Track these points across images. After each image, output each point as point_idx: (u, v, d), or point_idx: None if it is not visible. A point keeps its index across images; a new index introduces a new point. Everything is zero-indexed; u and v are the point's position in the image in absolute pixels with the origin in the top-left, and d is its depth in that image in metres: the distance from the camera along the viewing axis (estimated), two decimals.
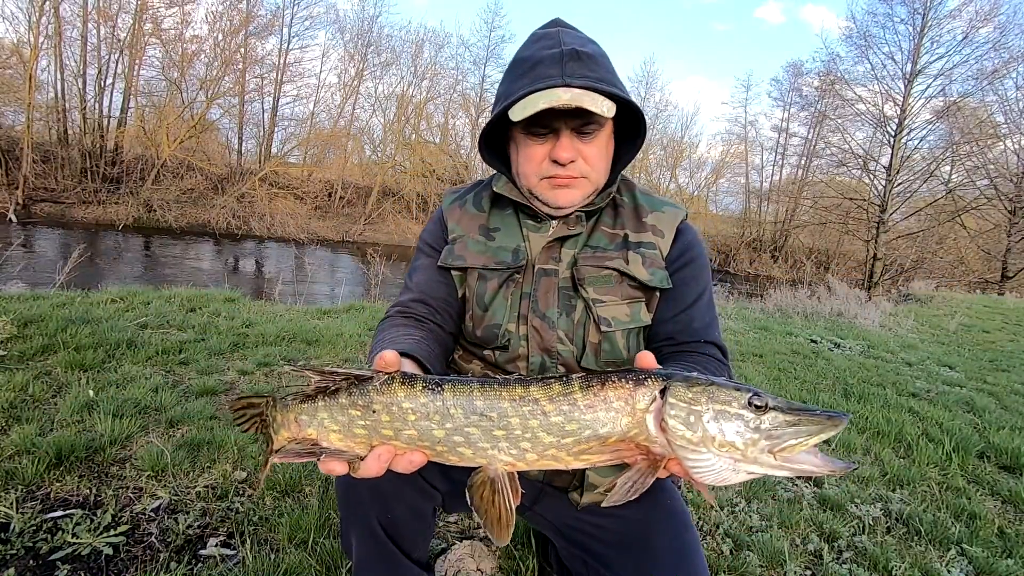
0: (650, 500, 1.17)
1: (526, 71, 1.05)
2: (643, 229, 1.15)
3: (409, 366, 0.89)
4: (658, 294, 1.14)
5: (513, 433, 0.74)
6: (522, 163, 1.12)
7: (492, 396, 0.74)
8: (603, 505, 0.73)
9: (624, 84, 1.10)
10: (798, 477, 2.53)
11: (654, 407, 0.71)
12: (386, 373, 0.77)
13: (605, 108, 0.99)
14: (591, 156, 1.08)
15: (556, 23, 1.14)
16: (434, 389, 0.75)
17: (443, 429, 0.74)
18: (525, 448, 0.74)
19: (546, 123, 1.04)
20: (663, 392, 0.71)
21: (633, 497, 0.73)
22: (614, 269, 1.11)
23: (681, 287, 1.14)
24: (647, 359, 0.79)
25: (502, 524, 0.76)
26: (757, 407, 0.67)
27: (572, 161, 1.06)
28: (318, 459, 0.78)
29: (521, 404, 0.73)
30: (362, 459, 0.77)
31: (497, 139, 1.19)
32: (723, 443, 0.67)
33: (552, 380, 0.75)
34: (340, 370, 0.78)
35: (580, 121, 1.04)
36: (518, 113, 1.00)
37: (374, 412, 0.75)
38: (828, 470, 0.67)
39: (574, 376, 0.74)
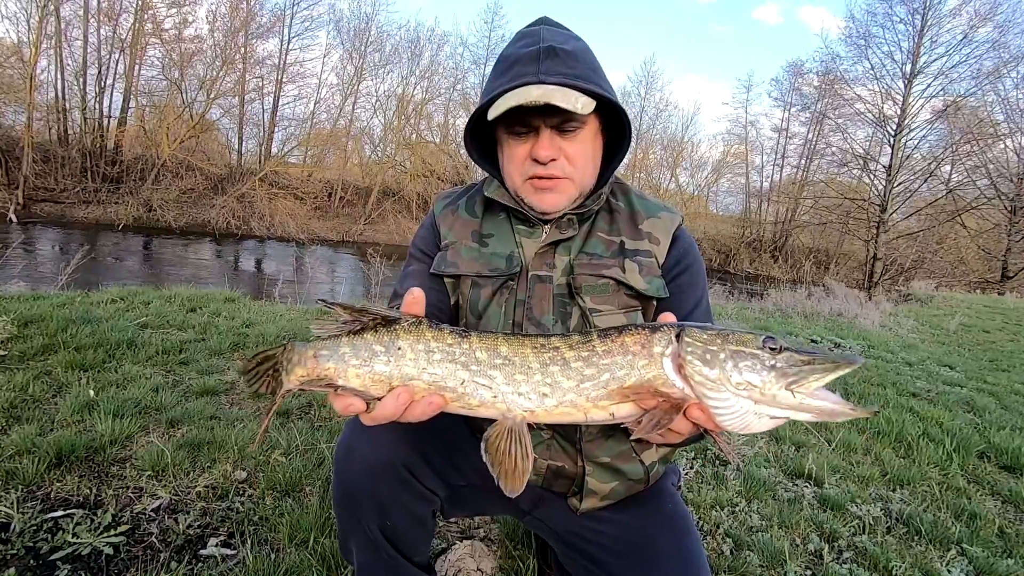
0: (651, 505, 1.17)
1: (505, 70, 1.04)
2: (639, 236, 1.14)
3: None
4: (655, 303, 1.13)
5: (533, 378, 0.76)
6: (506, 163, 1.11)
7: (516, 344, 0.77)
8: (631, 437, 0.73)
9: (610, 82, 1.08)
10: (818, 423, 2.52)
11: (671, 350, 0.73)
12: (414, 316, 0.77)
13: (580, 105, 0.97)
14: (574, 155, 1.06)
15: (541, 21, 1.13)
16: (461, 334, 0.78)
17: (468, 371, 0.75)
18: (545, 394, 0.75)
19: (526, 122, 1.03)
20: (678, 337, 0.73)
21: (658, 432, 0.72)
22: (611, 278, 1.10)
23: (678, 295, 1.13)
24: (669, 317, 0.81)
25: (517, 473, 0.76)
26: (772, 348, 0.69)
27: (553, 160, 1.04)
28: (334, 392, 0.77)
29: (543, 351, 0.76)
30: (379, 400, 0.76)
31: (490, 142, 1.18)
32: (740, 381, 0.68)
33: (573, 333, 0.79)
34: (371, 309, 0.77)
35: (560, 119, 1.02)
36: (492, 112, 0.99)
37: (399, 349, 0.75)
38: (849, 409, 0.67)
39: (593, 329, 0.78)
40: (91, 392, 2.53)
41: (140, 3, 20.40)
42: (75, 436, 2.11)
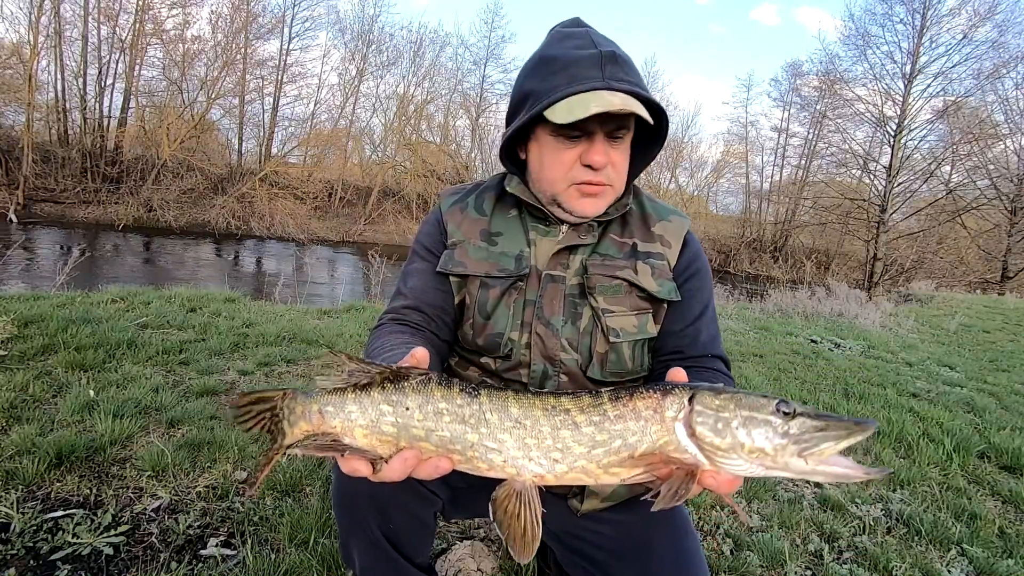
0: (649, 505, 1.17)
1: (559, 69, 1.01)
2: (651, 239, 1.14)
3: None
4: (665, 306, 1.12)
5: (544, 443, 0.73)
6: (548, 167, 1.07)
7: (527, 404, 0.74)
8: (652, 510, 0.72)
9: None
10: (802, 480, 2.51)
11: (683, 415, 0.71)
12: (422, 371, 0.75)
13: (648, 115, 0.98)
14: (618, 162, 1.06)
15: (579, 23, 1.11)
16: (471, 392, 0.75)
17: (478, 433, 0.73)
18: (555, 459, 0.73)
19: (581, 126, 1.01)
20: (691, 400, 0.71)
21: (678, 502, 0.71)
22: (624, 279, 1.09)
23: (688, 299, 1.13)
24: (679, 375, 0.79)
25: (527, 540, 0.74)
26: (785, 413, 0.68)
27: (605, 166, 1.04)
28: (341, 455, 0.75)
29: (553, 413, 0.74)
30: (386, 461, 0.74)
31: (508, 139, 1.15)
32: (752, 449, 0.67)
33: (582, 393, 0.76)
34: (376, 363, 0.75)
35: (614, 126, 1.01)
36: (562, 115, 0.96)
37: (407, 409, 0.73)
38: (863, 473, 0.66)
39: (603, 390, 0.75)
40: (91, 392, 2.53)
41: (140, 3, 20.41)
42: (75, 436, 2.11)
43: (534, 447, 0.73)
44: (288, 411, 0.78)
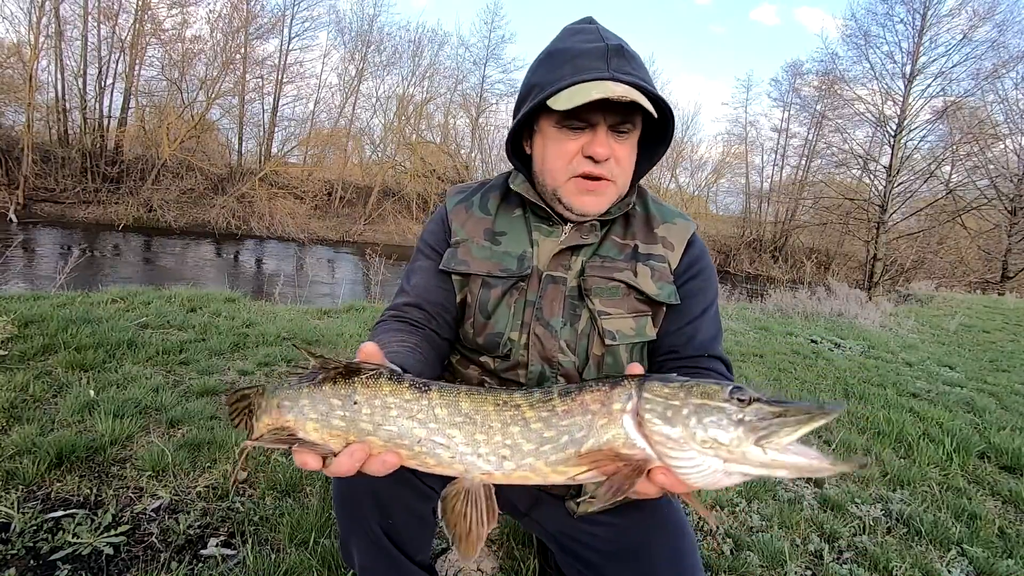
0: (647, 507, 1.16)
1: (565, 61, 1.01)
2: (654, 240, 1.12)
3: None
4: (665, 309, 1.11)
5: (494, 439, 0.72)
6: (550, 158, 1.07)
7: (478, 400, 0.73)
8: (589, 511, 0.69)
9: None
10: (799, 479, 2.54)
11: (631, 406, 0.68)
12: (374, 367, 0.75)
13: (652, 108, 0.97)
14: (622, 158, 1.05)
15: (590, 21, 1.11)
16: (421, 388, 0.74)
17: (425, 428, 0.72)
18: (504, 456, 0.72)
19: (584, 117, 1.01)
20: (638, 390, 0.69)
21: (618, 498, 0.68)
22: (622, 282, 1.08)
23: (688, 299, 1.12)
24: (635, 368, 0.77)
25: (470, 540, 0.72)
26: (740, 400, 0.65)
27: (607, 159, 1.03)
28: (293, 448, 0.75)
29: (503, 409, 0.73)
30: (335, 455, 0.74)
31: (513, 135, 1.15)
32: (705, 439, 0.64)
33: (535, 390, 0.75)
34: (337, 360, 0.75)
35: (619, 118, 1.01)
36: (563, 102, 0.96)
37: (355, 404, 0.73)
38: (829, 464, 0.62)
39: (555, 386, 0.75)
40: (91, 392, 2.53)
41: (140, 3, 20.41)
42: (75, 436, 2.11)
43: (483, 443, 0.72)
44: (256, 406, 0.80)
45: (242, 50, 22.97)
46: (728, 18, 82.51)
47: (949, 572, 1.91)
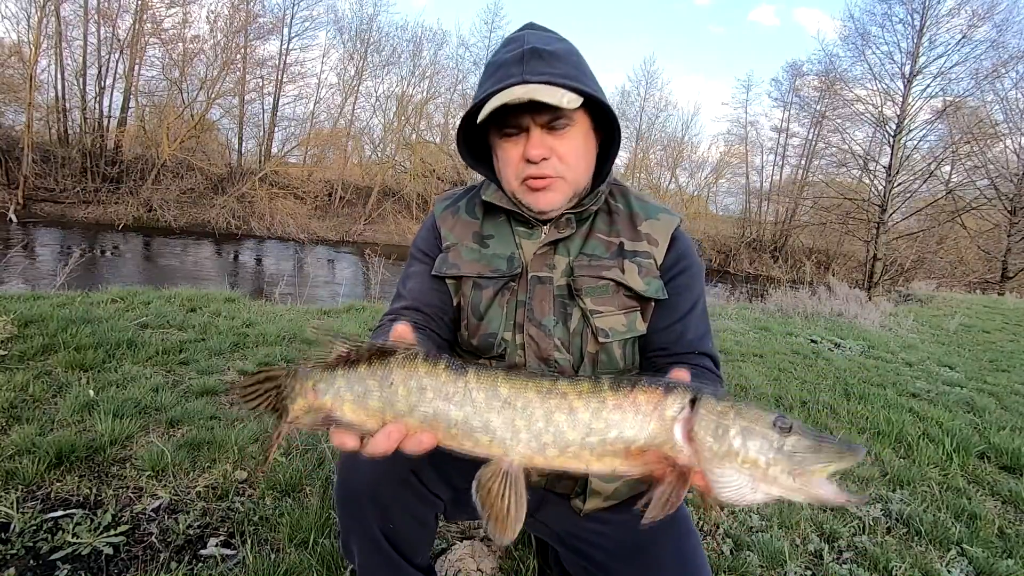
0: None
1: (491, 75, 1.05)
2: (638, 238, 1.14)
3: None
4: (653, 304, 1.12)
5: (536, 425, 0.72)
6: (501, 166, 1.11)
7: (518, 386, 0.73)
8: (643, 523, 0.70)
9: (599, 82, 1.09)
10: (811, 505, 2.54)
11: (683, 416, 0.70)
12: (408, 346, 0.75)
13: (565, 100, 0.97)
14: (565, 153, 1.05)
15: (527, 27, 1.13)
16: (457, 370, 0.74)
17: (462, 411, 0.72)
18: (547, 443, 0.72)
19: (516, 123, 1.04)
20: (692, 403, 0.71)
21: (670, 511, 0.71)
22: (611, 279, 1.10)
23: (675, 296, 1.13)
24: (682, 374, 0.79)
25: (509, 520, 0.72)
26: (782, 428, 0.68)
27: (545, 159, 1.04)
28: (332, 427, 0.76)
29: (548, 396, 0.72)
30: (372, 435, 0.75)
31: (486, 146, 1.18)
32: (746, 459, 0.68)
33: (581, 378, 0.75)
34: (366, 341, 0.76)
35: (549, 117, 1.02)
36: (483, 115, 1.00)
37: (391, 385, 0.73)
38: (844, 499, 0.68)
39: (604, 376, 0.74)
40: (91, 392, 2.53)
41: (140, 3, 20.41)
42: (75, 436, 2.11)
43: (524, 429, 0.72)
44: (290, 388, 0.80)
45: (242, 50, 22.98)
46: (727, 19, 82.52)
47: (949, 572, 1.91)
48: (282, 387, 0.81)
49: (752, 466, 0.68)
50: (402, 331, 0.79)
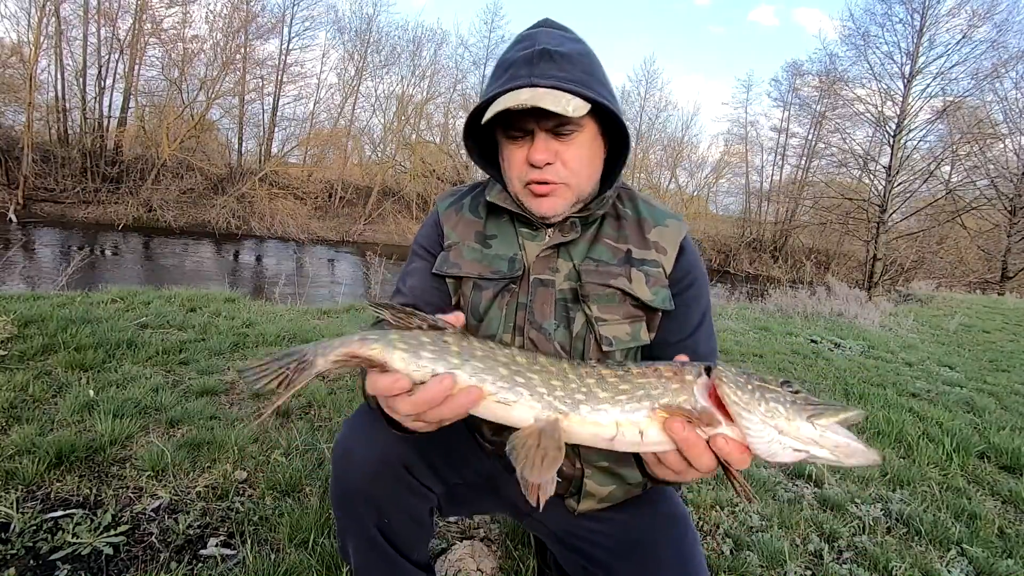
0: (649, 505, 1.17)
1: (500, 74, 1.03)
2: (646, 245, 1.12)
3: None
4: (660, 314, 1.11)
5: (570, 385, 0.80)
6: (507, 168, 1.09)
7: (554, 359, 0.83)
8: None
9: (610, 84, 1.06)
10: (825, 459, 2.53)
11: (701, 380, 0.78)
12: (457, 330, 0.82)
13: (571, 108, 0.95)
14: (570, 159, 1.03)
15: (542, 24, 1.11)
16: (504, 343, 0.87)
17: (508, 369, 0.80)
18: (580, 400, 0.78)
19: (521, 125, 1.02)
20: (707, 371, 0.79)
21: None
22: (617, 288, 1.08)
23: (683, 309, 1.11)
24: (686, 358, 0.85)
25: (545, 463, 0.74)
26: (790, 389, 0.76)
27: (549, 164, 1.02)
28: (366, 368, 0.79)
29: (580, 366, 0.82)
30: (422, 383, 0.77)
31: (493, 144, 1.16)
32: (767, 410, 0.73)
33: (609, 361, 0.85)
34: (418, 315, 0.82)
35: (555, 122, 1.00)
36: (485, 118, 0.99)
37: (445, 342, 0.80)
38: (864, 446, 0.71)
39: (627, 362, 0.83)
40: (91, 392, 2.53)
41: (140, 3, 20.41)
42: (75, 436, 2.11)
43: (559, 388, 0.80)
44: (321, 349, 0.81)
45: (242, 50, 22.98)
46: (727, 19, 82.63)
47: (949, 572, 1.91)
48: (305, 354, 0.82)
49: (774, 415, 0.73)
50: (457, 318, 0.84)
